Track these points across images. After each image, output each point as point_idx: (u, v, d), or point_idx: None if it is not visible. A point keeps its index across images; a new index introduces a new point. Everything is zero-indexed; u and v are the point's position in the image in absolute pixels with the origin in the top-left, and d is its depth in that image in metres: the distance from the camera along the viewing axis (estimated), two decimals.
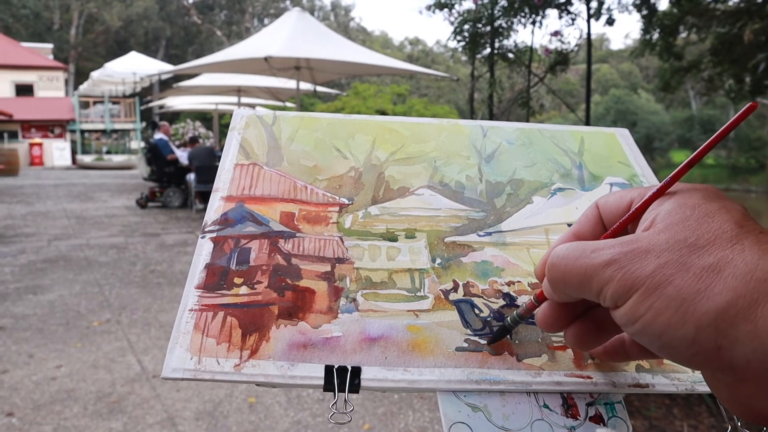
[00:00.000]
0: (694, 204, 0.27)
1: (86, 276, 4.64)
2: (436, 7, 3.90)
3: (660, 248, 0.25)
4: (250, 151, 0.51)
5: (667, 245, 0.25)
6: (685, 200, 0.27)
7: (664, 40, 4.51)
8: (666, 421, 2.35)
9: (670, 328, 0.24)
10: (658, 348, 0.26)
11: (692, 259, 0.24)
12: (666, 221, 0.27)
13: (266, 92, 11.56)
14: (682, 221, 0.26)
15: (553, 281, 0.30)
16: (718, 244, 0.25)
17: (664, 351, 0.26)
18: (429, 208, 0.48)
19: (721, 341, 0.23)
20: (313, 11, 36.81)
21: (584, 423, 0.35)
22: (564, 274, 0.29)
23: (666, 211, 0.28)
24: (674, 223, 0.26)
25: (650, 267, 0.25)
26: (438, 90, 23.60)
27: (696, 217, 0.26)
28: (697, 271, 0.24)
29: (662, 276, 0.25)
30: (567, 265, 0.29)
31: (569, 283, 0.29)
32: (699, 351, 0.24)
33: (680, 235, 0.26)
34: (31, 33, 28.32)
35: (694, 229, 0.26)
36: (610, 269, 0.26)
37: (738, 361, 0.23)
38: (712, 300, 0.23)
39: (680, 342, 0.24)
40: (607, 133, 0.57)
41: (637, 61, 29.25)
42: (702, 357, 0.24)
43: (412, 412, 2.50)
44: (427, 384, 0.35)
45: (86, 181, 13.27)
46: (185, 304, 0.38)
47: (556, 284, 0.30)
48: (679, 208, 0.27)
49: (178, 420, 2.39)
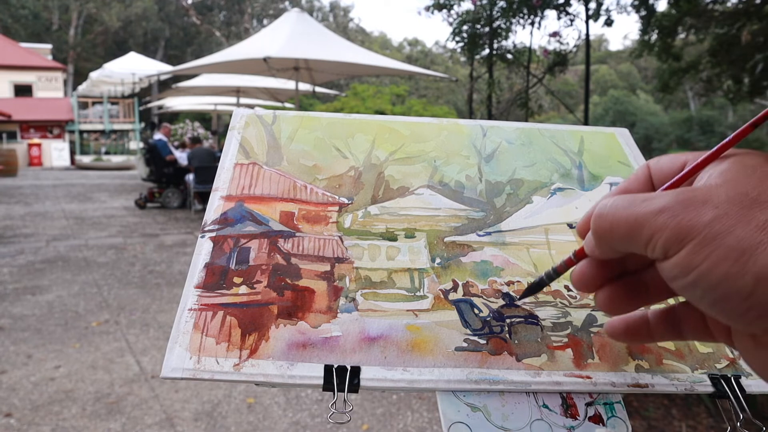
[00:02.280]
0: (755, 164, 0.26)
1: (85, 276, 4.63)
2: (435, 8, 3.91)
3: (719, 199, 0.24)
4: (249, 150, 0.51)
5: (727, 197, 0.24)
6: (745, 161, 0.27)
7: (663, 41, 4.52)
8: (665, 421, 2.35)
9: (727, 280, 0.23)
10: (711, 302, 0.25)
11: (754, 213, 0.24)
12: (725, 176, 0.26)
13: (265, 93, 11.55)
14: (742, 178, 0.25)
15: (598, 232, 0.29)
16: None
17: (717, 305, 0.25)
18: (429, 208, 0.48)
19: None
20: (312, 12, 36.80)
21: (583, 423, 0.35)
22: (612, 223, 0.28)
23: (725, 168, 0.27)
24: (734, 179, 0.25)
25: (708, 216, 0.24)
26: (437, 91, 23.60)
27: (758, 175, 0.25)
28: (760, 223, 0.23)
29: (721, 226, 0.24)
30: (616, 214, 0.27)
31: (616, 233, 0.28)
32: (755, 305, 0.23)
33: (741, 189, 0.25)
34: (30, 33, 28.29)
35: (755, 186, 0.25)
36: (663, 216, 0.25)
37: None
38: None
39: (737, 294, 0.23)
40: (606, 133, 0.57)
41: (636, 61, 29.31)
42: (757, 312, 0.23)
43: (411, 413, 2.49)
44: (426, 384, 0.35)
45: (85, 182, 13.25)
46: (185, 304, 0.38)
47: (601, 235, 0.29)
48: (740, 166, 0.26)
49: (176, 420, 2.39)
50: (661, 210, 0.25)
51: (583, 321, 0.40)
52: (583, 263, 0.33)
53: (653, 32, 4.56)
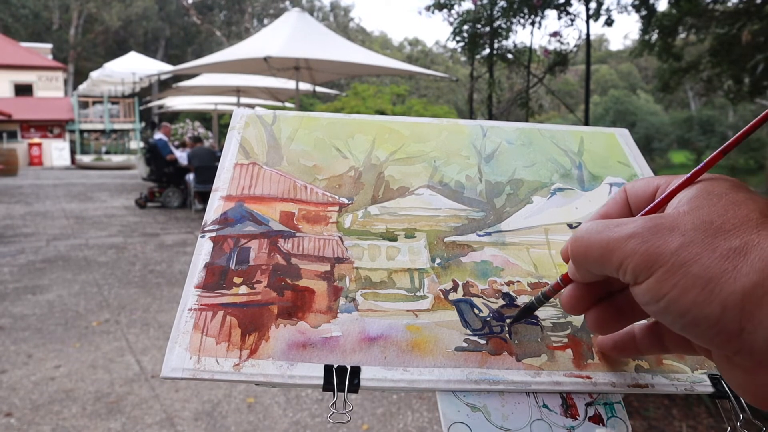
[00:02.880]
0: (721, 192, 0.27)
1: (85, 276, 4.64)
2: (436, 8, 3.90)
3: (685, 227, 0.26)
4: (249, 150, 0.51)
5: (693, 225, 0.25)
6: (712, 188, 0.28)
7: (663, 41, 4.52)
8: (665, 421, 2.35)
9: (695, 307, 0.24)
10: (682, 327, 0.26)
11: (718, 241, 0.24)
12: (691, 204, 0.27)
13: (265, 92, 11.55)
14: (708, 206, 0.26)
15: (575, 256, 0.30)
16: (744, 229, 0.25)
17: (687, 330, 0.25)
18: (429, 208, 0.48)
19: (745, 323, 0.23)
20: (312, 12, 36.79)
21: (583, 423, 0.35)
22: (586, 247, 0.29)
23: (692, 195, 0.28)
24: (700, 207, 0.26)
25: (675, 244, 0.25)
26: (437, 90, 23.60)
27: (723, 203, 0.26)
28: (724, 251, 0.24)
29: (688, 254, 0.24)
30: (589, 238, 0.29)
31: (590, 257, 0.29)
32: (722, 331, 0.24)
33: (706, 218, 0.26)
34: (31, 33, 28.29)
35: (720, 214, 0.26)
36: (633, 242, 0.26)
37: (759, 344, 0.23)
38: (739, 281, 0.23)
39: (705, 321, 0.24)
40: (606, 133, 0.57)
41: (636, 61, 29.29)
42: (724, 337, 0.24)
43: (411, 413, 2.49)
44: (426, 384, 0.35)
45: (85, 181, 13.25)
46: (185, 304, 0.38)
47: (578, 260, 0.30)
48: (706, 194, 0.27)
49: (176, 420, 2.39)
50: (631, 236, 0.27)
51: (582, 321, 0.40)
52: (570, 287, 0.34)
53: (654, 32, 4.56)
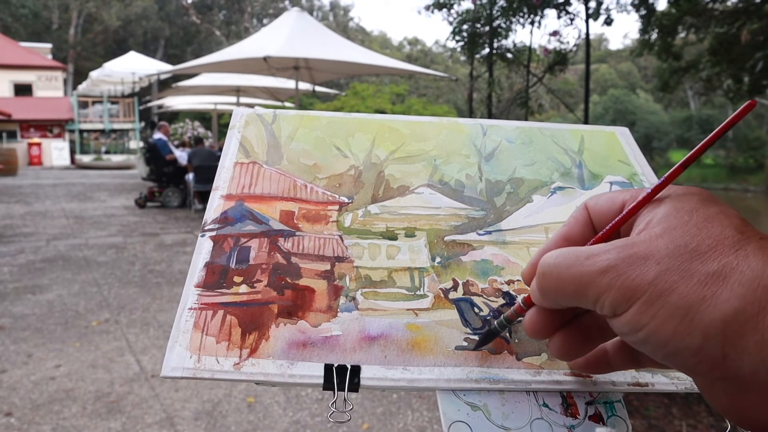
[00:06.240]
0: (692, 208, 0.26)
1: (85, 276, 4.63)
2: (435, 7, 3.91)
3: (660, 254, 0.24)
4: (249, 149, 0.51)
5: (667, 251, 0.24)
6: (682, 204, 0.26)
7: (663, 40, 4.52)
8: (665, 420, 2.36)
9: (675, 338, 0.23)
10: (662, 356, 0.25)
11: (695, 266, 0.23)
12: (663, 225, 0.26)
13: (265, 92, 11.55)
14: (680, 226, 0.25)
15: (544, 289, 0.29)
16: (720, 250, 0.24)
17: (668, 359, 0.25)
18: (429, 207, 0.48)
19: (728, 350, 0.22)
20: (312, 11, 36.78)
21: (584, 422, 0.35)
22: (556, 281, 0.27)
23: (662, 214, 0.26)
24: (672, 228, 0.25)
25: (651, 274, 0.24)
26: (437, 90, 23.58)
27: (695, 222, 0.25)
28: (702, 277, 0.23)
29: (665, 283, 0.23)
30: (560, 273, 0.27)
31: (563, 292, 0.27)
32: (704, 359, 0.23)
33: (680, 240, 0.25)
34: (30, 33, 28.27)
35: (694, 235, 0.25)
36: (608, 276, 0.25)
37: (744, 370, 0.22)
38: (719, 308, 0.22)
39: (686, 351, 0.23)
40: (607, 132, 0.57)
41: (636, 61, 29.28)
42: (707, 366, 0.23)
43: (411, 412, 2.49)
44: (426, 383, 0.35)
45: (85, 181, 13.25)
46: (185, 303, 0.38)
47: (547, 292, 0.29)
48: (676, 212, 0.26)
49: (176, 420, 2.39)
50: (605, 270, 0.25)
51: None
52: (533, 311, 0.32)
53: (653, 31, 4.56)
